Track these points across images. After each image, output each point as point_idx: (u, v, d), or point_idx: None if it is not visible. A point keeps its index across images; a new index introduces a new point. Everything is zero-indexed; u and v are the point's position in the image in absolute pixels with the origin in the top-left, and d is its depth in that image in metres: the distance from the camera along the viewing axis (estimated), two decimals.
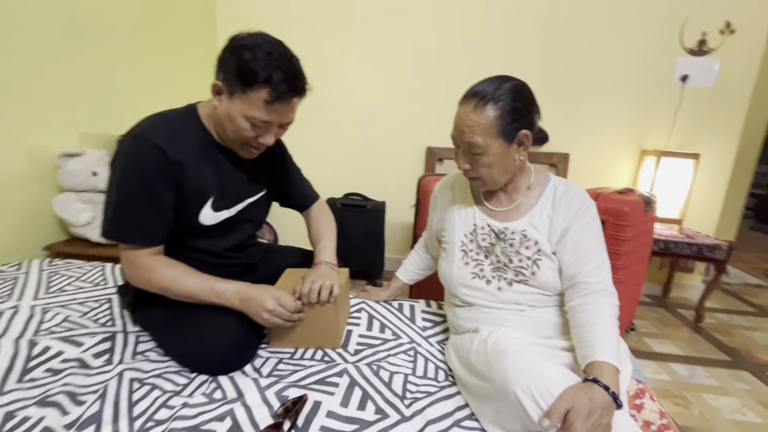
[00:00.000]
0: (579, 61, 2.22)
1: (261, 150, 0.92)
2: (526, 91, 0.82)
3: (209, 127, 0.91)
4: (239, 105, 0.81)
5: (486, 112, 0.78)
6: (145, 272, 0.86)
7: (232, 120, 0.83)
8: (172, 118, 0.88)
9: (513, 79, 0.82)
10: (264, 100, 0.80)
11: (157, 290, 0.86)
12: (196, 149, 0.88)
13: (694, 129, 2.22)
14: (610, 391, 0.63)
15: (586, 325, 0.74)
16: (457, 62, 2.31)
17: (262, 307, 0.87)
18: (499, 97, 0.78)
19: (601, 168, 2.35)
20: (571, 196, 0.86)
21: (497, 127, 0.79)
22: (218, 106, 0.85)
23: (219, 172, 0.92)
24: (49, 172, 1.54)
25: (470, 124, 0.79)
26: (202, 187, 0.89)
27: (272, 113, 0.83)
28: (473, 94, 0.80)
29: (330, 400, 0.76)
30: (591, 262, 0.81)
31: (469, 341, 0.84)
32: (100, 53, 1.69)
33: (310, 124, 2.44)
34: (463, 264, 0.93)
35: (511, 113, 0.79)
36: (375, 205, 2.25)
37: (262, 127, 0.84)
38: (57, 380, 0.80)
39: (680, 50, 2.14)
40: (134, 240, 0.84)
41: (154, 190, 0.82)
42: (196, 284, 0.87)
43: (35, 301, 1.11)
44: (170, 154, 0.82)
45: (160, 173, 0.82)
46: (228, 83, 0.81)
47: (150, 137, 0.81)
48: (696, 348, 1.89)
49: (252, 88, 0.79)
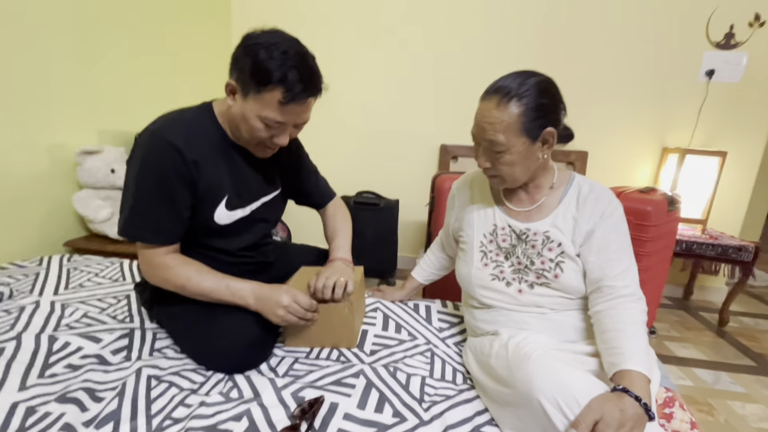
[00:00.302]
0: (599, 55, 2.16)
1: (275, 150, 0.91)
2: (553, 88, 0.79)
3: (224, 126, 0.90)
4: (253, 105, 0.80)
5: (509, 109, 0.75)
6: (161, 271, 0.86)
7: (246, 120, 0.82)
8: (188, 116, 0.88)
9: (538, 75, 0.79)
10: (278, 100, 0.78)
11: (173, 288, 0.87)
12: (212, 148, 0.87)
13: (719, 126, 2.15)
14: (641, 402, 0.60)
15: (613, 331, 0.71)
16: (473, 57, 2.27)
17: (278, 304, 0.86)
18: (523, 93, 0.75)
19: (621, 166, 2.29)
20: (596, 196, 0.83)
21: (521, 125, 0.76)
22: (232, 105, 0.84)
23: (234, 171, 0.91)
24: (69, 169, 1.56)
25: (492, 121, 0.77)
26: (216, 187, 0.88)
27: (287, 114, 0.81)
28: (496, 89, 0.77)
29: (347, 401, 0.74)
30: (618, 266, 0.78)
31: (489, 344, 0.82)
32: (117, 51, 1.71)
33: (322, 121, 2.43)
34: (482, 265, 0.91)
35: (536, 110, 0.76)
36: (388, 203, 2.23)
37: (276, 127, 0.83)
38: (77, 376, 0.81)
39: (706, 44, 2.07)
40: (151, 239, 0.85)
41: (171, 189, 0.82)
42: (211, 283, 0.87)
43: (55, 297, 1.13)
44: (186, 153, 0.82)
45: (176, 173, 0.82)
46: (242, 83, 0.80)
47: (167, 136, 0.81)
48: (720, 353, 1.83)
49: (266, 89, 0.78)
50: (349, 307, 0.92)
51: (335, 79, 2.45)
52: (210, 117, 0.90)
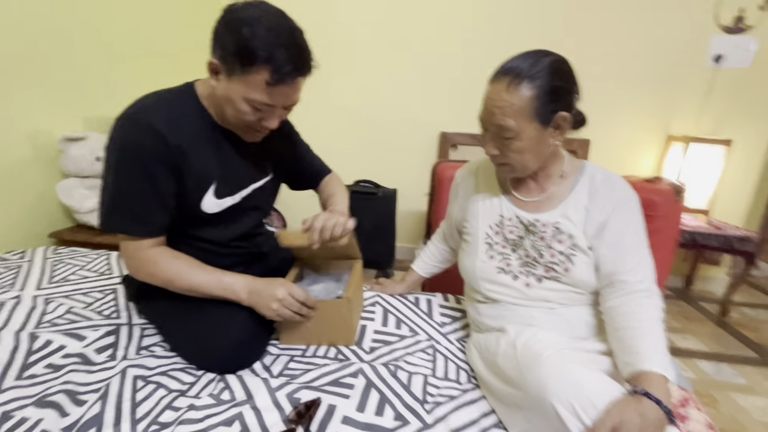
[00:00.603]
0: (602, 39, 2.09)
1: (265, 133, 0.85)
2: (567, 68, 0.73)
3: (209, 109, 0.83)
4: (238, 87, 0.73)
5: (520, 92, 0.70)
6: (147, 265, 0.80)
7: (232, 102, 0.76)
8: (170, 98, 0.81)
9: (552, 54, 0.73)
10: (266, 81, 0.72)
11: (161, 284, 0.81)
12: (197, 132, 0.81)
13: (726, 113, 2.09)
14: (662, 405, 0.56)
15: (628, 329, 0.67)
16: (472, 43, 2.19)
17: (272, 297, 0.81)
18: (536, 75, 0.69)
19: (624, 155, 2.24)
20: (611, 185, 0.78)
21: (533, 109, 0.70)
22: (216, 86, 0.77)
23: (221, 156, 0.85)
24: (53, 157, 1.49)
25: (502, 104, 0.71)
26: (203, 174, 0.82)
27: (275, 96, 0.75)
28: (506, 70, 0.71)
29: (345, 403, 0.70)
30: (631, 259, 0.74)
31: (495, 342, 0.78)
32: (102, 33, 1.62)
33: (318, 108, 2.36)
34: (488, 258, 0.86)
35: (550, 93, 0.70)
36: (386, 192, 2.18)
37: (264, 110, 0.77)
38: (57, 377, 0.76)
39: (714, 28, 2.00)
40: (135, 231, 0.79)
41: (153, 176, 0.76)
42: (201, 277, 0.82)
43: (38, 291, 1.08)
44: (169, 137, 0.75)
45: (159, 158, 0.75)
46: (225, 62, 0.73)
47: (147, 119, 0.74)
48: (722, 344, 1.81)
49: (252, 69, 0.71)
50: (347, 304, 0.87)
51: (331, 65, 2.36)
52: (193, 99, 0.83)
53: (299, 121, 2.52)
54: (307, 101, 2.48)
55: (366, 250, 2.42)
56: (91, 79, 1.60)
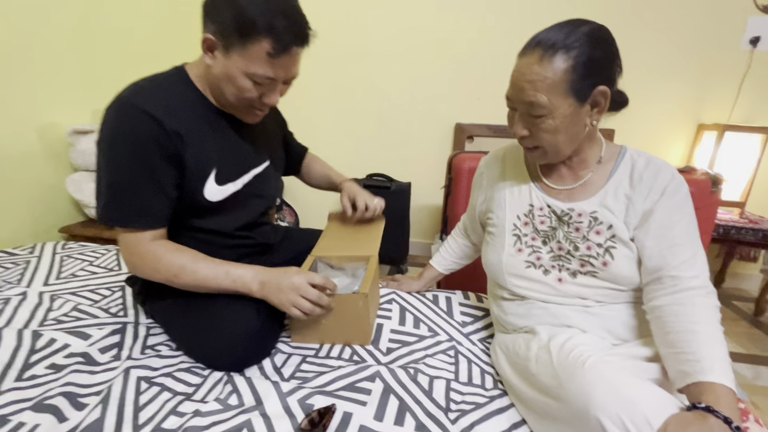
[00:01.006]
0: (627, 20, 1.97)
1: (266, 112, 0.82)
2: (608, 37, 0.66)
3: (204, 91, 0.79)
4: (238, 61, 0.70)
5: (554, 64, 0.62)
6: (149, 260, 0.75)
7: (232, 79, 0.72)
8: (162, 82, 0.76)
9: (590, 22, 0.65)
10: (267, 53, 0.69)
11: (164, 280, 0.76)
12: (193, 117, 0.76)
13: (762, 100, 1.96)
14: (733, 425, 0.48)
15: (682, 332, 0.59)
16: (489, 30, 2.09)
17: (290, 288, 0.75)
18: (571, 45, 0.62)
19: (651, 145, 2.12)
20: (655, 170, 0.70)
21: (568, 83, 0.63)
22: (212, 65, 0.73)
23: (220, 141, 0.81)
24: (62, 150, 1.47)
25: (533, 78, 0.63)
26: (203, 160, 0.77)
27: (277, 68, 0.71)
28: (538, 42, 0.64)
29: (362, 411, 0.64)
30: (683, 252, 0.65)
31: (525, 345, 0.71)
32: (111, 26, 1.59)
33: (330, 100, 2.30)
34: (516, 251, 0.79)
35: (587, 65, 0.62)
36: (400, 186, 2.11)
37: (266, 84, 0.73)
38: (58, 378, 0.72)
39: (752, 7, 1.86)
40: (135, 223, 0.73)
41: (152, 164, 0.71)
42: (208, 270, 0.76)
43: (45, 287, 1.05)
44: (166, 123, 0.71)
45: (156, 144, 0.70)
46: (222, 36, 0.69)
47: (141, 104, 0.70)
48: (759, 345, 1.70)
49: (251, 41, 0.68)
50: (364, 299, 0.81)
51: (345, 58, 2.30)
52: (185, 82, 0.79)
53: (312, 115, 2.50)
54: (319, 94, 2.44)
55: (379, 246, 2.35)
56: (101, 71, 1.57)
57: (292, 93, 0.81)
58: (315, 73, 2.23)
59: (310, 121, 2.31)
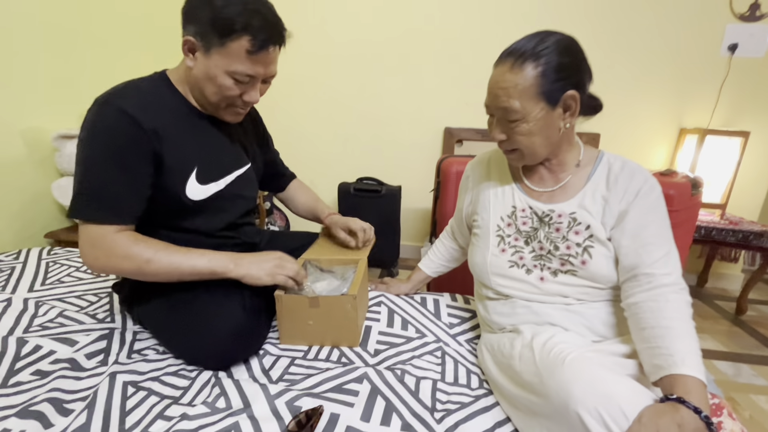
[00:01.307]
0: (611, 28, 2.02)
1: (246, 111, 0.85)
2: (575, 45, 0.70)
3: (185, 94, 0.82)
4: (218, 60, 0.73)
5: (525, 71, 0.67)
6: (115, 250, 0.72)
7: (213, 79, 0.75)
8: (142, 84, 0.79)
9: (558, 33, 0.70)
10: (246, 50, 0.72)
11: (136, 268, 0.73)
12: (173, 117, 0.79)
13: (741, 105, 2.02)
14: (702, 414, 0.51)
15: (656, 327, 0.61)
16: (478, 35, 2.13)
17: (265, 260, 0.79)
18: (541, 53, 0.66)
19: (635, 149, 2.17)
20: (630, 174, 0.73)
21: (539, 87, 0.67)
22: (193, 66, 0.76)
23: (201, 142, 0.83)
24: (48, 155, 1.45)
25: (506, 85, 0.68)
26: (184, 158, 0.79)
27: (256, 65, 0.75)
28: (510, 52, 0.69)
29: (349, 412, 0.65)
30: (657, 251, 0.68)
31: (509, 344, 0.73)
32: (98, 26, 1.58)
33: (319, 104, 2.31)
34: (500, 251, 0.81)
35: (556, 70, 0.67)
36: (390, 189, 2.13)
37: (246, 82, 0.77)
38: (44, 384, 0.71)
39: (729, 16, 1.93)
40: (103, 217, 0.72)
41: (126, 160, 0.72)
42: (180, 255, 0.76)
43: (30, 294, 1.04)
44: (143, 122, 0.72)
45: (131, 142, 0.72)
46: (202, 37, 0.73)
47: (118, 103, 0.72)
48: (739, 343, 1.74)
49: (231, 39, 0.71)
50: (352, 301, 0.83)
51: (334, 63, 2.30)
52: (166, 84, 0.82)
53: (306, 120, 2.50)
54: (309, 99, 2.45)
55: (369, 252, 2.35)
56: (87, 75, 1.56)
57: (283, 98, 0.83)
58: (306, 78, 2.25)
59: (300, 126, 2.32)
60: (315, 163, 2.35)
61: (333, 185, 2.22)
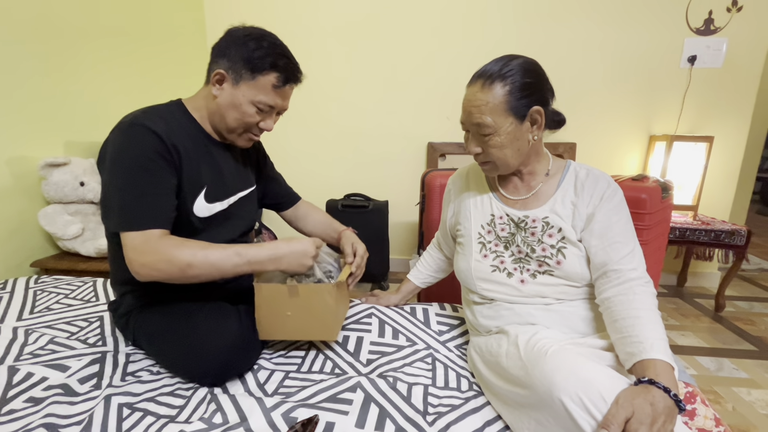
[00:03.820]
0: (581, 46, 2.15)
1: (258, 138, 0.95)
2: (537, 68, 0.78)
3: (200, 121, 0.91)
4: (246, 91, 0.84)
5: (494, 90, 0.74)
6: (162, 252, 0.75)
7: (238, 107, 0.85)
8: (161, 109, 0.87)
9: (521, 57, 0.77)
10: (273, 84, 0.85)
11: (178, 272, 0.76)
12: (188, 139, 0.86)
13: (704, 112, 2.15)
14: (671, 393, 0.55)
15: (627, 318, 0.66)
16: (456, 54, 2.23)
17: (304, 252, 0.84)
18: (506, 74, 0.74)
19: (610, 156, 2.28)
20: (594, 179, 0.80)
21: (507, 104, 0.74)
22: (219, 95, 0.86)
23: (211, 163, 0.91)
24: (34, 183, 1.46)
25: (478, 103, 0.75)
26: (197, 176, 0.86)
27: (278, 97, 0.87)
28: (480, 74, 0.77)
29: (344, 420, 0.67)
30: (622, 248, 0.74)
31: (496, 344, 0.77)
32: (83, 56, 1.61)
33: (306, 123, 2.37)
34: (482, 257, 0.86)
35: (521, 89, 0.74)
36: (377, 204, 2.17)
37: (266, 111, 0.88)
38: (38, 411, 0.71)
39: (687, 30, 2.07)
40: (145, 224, 0.76)
41: (156, 171, 0.78)
42: (219, 253, 0.79)
43: (19, 323, 1.03)
44: (165, 138, 0.79)
45: (158, 154, 0.78)
46: (234, 71, 0.84)
47: (142, 122, 0.78)
48: (719, 339, 1.81)
49: (262, 74, 0.83)
50: (332, 290, 0.83)
51: (315, 78, 2.37)
52: (183, 111, 0.90)
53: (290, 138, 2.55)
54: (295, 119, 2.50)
55: None
56: (73, 104, 1.58)
57: None
58: (292, 97, 2.30)
59: (287, 145, 2.36)
60: (302, 181, 2.38)
61: (320, 202, 2.25)
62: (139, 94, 1.89)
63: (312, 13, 2.26)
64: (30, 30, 1.41)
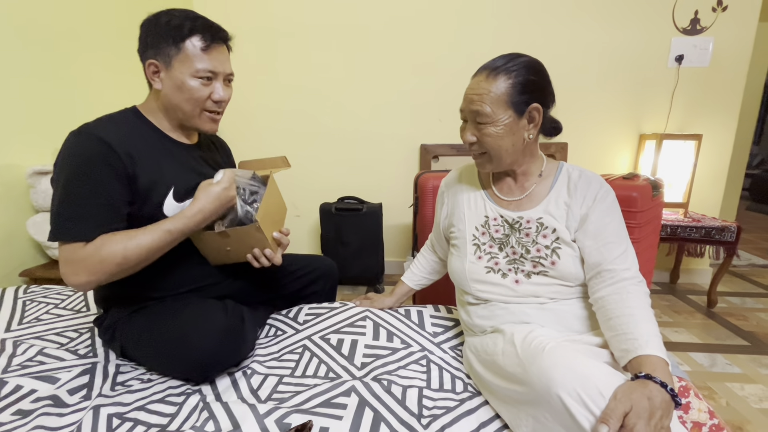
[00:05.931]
0: (570, 47, 2.17)
1: (220, 113, 0.92)
2: (540, 67, 0.79)
3: (157, 123, 0.90)
4: (180, 67, 0.83)
5: (497, 82, 0.76)
6: (92, 257, 0.74)
7: (182, 87, 0.83)
8: (114, 116, 0.87)
9: (527, 56, 0.79)
10: (200, 48, 0.83)
11: (115, 269, 0.76)
12: (144, 142, 0.85)
13: (692, 110, 2.18)
14: (668, 388, 0.55)
15: (621, 316, 0.67)
16: (449, 56, 2.24)
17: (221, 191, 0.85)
18: (511, 68, 0.76)
19: (601, 155, 2.30)
20: (587, 181, 0.81)
21: (508, 96, 0.75)
22: (161, 86, 0.85)
23: (175, 163, 0.90)
24: (22, 192, 1.44)
25: (480, 92, 0.77)
26: (160, 178, 0.85)
27: (213, 60, 0.84)
28: (486, 66, 0.79)
29: (338, 425, 0.67)
30: (616, 249, 0.75)
31: (492, 343, 0.77)
32: (71, 62, 1.60)
33: (299, 127, 2.36)
34: (476, 258, 0.86)
35: (524, 85, 0.76)
36: (371, 207, 2.17)
37: (210, 79, 0.85)
38: (26, 423, 0.70)
39: (674, 30, 2.10)
40: (74, 236, 0.75)
41: (101, 181, 0.76)
42: (148, 235, 0.78)
43: (7, 334, 1.01)
44: (116, 146, 0.78)
45: (104, 163, 0.77)
46: (161, 55, 0.83)
47: (92, 130, 0.78)
48: (713, 334, 1.82)
49: (184, 41, 0.82)
50: (258, 228, 0.87)
51: (307, 82, 2.37)
52: (137, 115, 0.89)
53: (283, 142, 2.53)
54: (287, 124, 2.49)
55: (354, 267, 2.38)
56: (61, 111, 1.56)
57: (263, 120, 0.88)
58: (284, 100, 2.30)
59: (279, 149, 2.35)
60: (295, 185, 2.38)
61: (314, 206, 2.25)
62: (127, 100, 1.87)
63: (303, 16, 2.26)
64: (16, 36, 1.39)
